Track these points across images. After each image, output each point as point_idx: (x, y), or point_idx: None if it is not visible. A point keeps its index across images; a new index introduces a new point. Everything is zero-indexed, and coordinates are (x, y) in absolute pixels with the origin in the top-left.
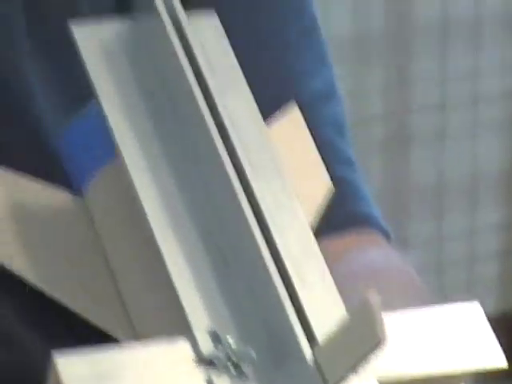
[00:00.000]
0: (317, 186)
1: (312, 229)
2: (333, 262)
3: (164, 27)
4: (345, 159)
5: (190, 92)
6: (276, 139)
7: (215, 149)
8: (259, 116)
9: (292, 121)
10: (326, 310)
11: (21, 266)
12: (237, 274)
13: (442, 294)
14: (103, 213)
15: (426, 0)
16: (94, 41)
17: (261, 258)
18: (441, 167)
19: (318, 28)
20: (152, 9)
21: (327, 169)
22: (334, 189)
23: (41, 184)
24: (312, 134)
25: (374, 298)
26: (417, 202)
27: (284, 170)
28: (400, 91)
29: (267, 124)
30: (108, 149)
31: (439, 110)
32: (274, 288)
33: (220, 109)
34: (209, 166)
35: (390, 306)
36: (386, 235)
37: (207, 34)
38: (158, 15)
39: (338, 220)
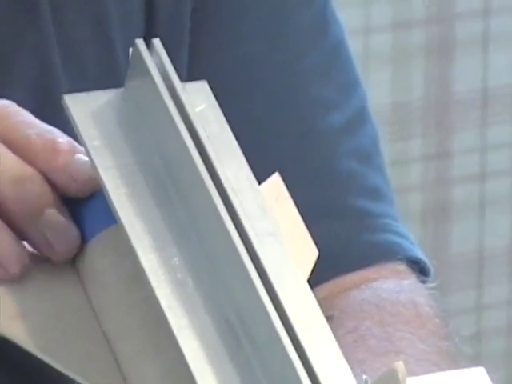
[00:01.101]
0: (305, 254)
1: None
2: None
3: (159, 94)
4: (368, 189)
5: (190, 158)
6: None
7: (220, 218)
8: (256, 183)
9: (274, 188)
10: (337, 376)
11: (15, 332)
12: (246, 342)
13: (478, 362)
14: (99, 276)
15: (466, 70)
16: (88, 109)
17: (273, 327)
18: (481, 237)
19: (343, 51)
20: (146, 76)
21: (346, 201)
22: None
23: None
24: (330, 166)
25: (402, 369)
26: (456, 270)
27: (283, 237)
28: (439, 161)
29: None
30: (102, 216)
31: (479, 180)
32: (289, 361)
33: (221, 176)
34: (213, 234)
35: (390, 340)
36: (418, 263)
37: (201, 102)
38: (153, 82)
39: (358, 252)
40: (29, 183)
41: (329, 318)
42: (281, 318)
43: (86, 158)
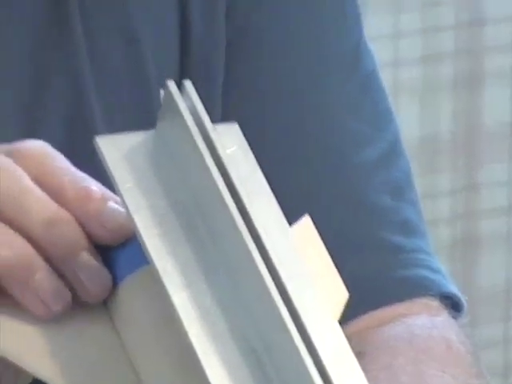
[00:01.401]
0: (335, 296)
1: None
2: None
3: (191, 135)
4: (400, 223)
5: (221, 199)
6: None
7: (251, 258)
8: (286, 224)
9: (305, 230)
10: None
11: (47, 372)
12: (277, 380)
13: None
14: (131, 316)
15: (495, 103)
16: (119, 151)
17: (303, 364)
18: (509, 270)
19: (376, 83)
20: (177, 117)
21: (379, 236)
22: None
23: None
24: (363, 201)
25: None
26: (484, 303)
27: (314, 278)
28: (468, 194)
29: None
30: (134, 257)
31: (507, 213)
32: None
33: (252, 217)
34: (244, 273)
35: (423, 378)
36: (450, 298)
37: (233, 145)
38: (184, 123)
39: (390, 287)
40: (62, 226)
41: (360, 354)
42: (311, 354)
43: (118, 206)
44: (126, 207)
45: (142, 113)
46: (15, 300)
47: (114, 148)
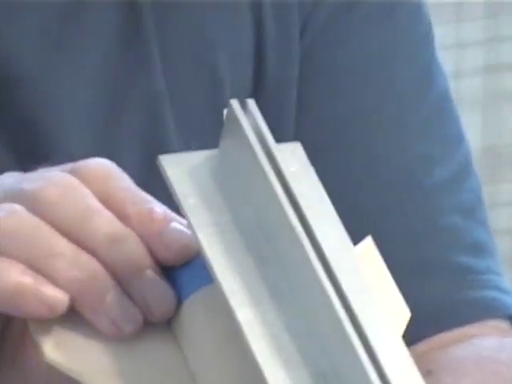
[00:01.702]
0: (397, 316)
1: None
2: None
3: (254, 153)
4: (470, 244)
5: (285, 217)
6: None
7: (316, 275)
8: (350, 243)
9: (367, 251)
10: None
11: None
12: None
13: None
14: (195, 334)
15: None
16: (183, 169)
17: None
18: None
19: (448, 104)
20: (240, 135)
21: (449, 258)
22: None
23: None
24: (434, 222)
25: None
26: None
27: (377, 298)
28: None
29: None
30: (197, 275)
31: None
32: None
33: (316, 235)
34: (309, 290)
35: None
36: None
37: (296, 164)
38: (247, 142)
39: (460, 309)
40: (127, 243)
41: (427, 374)
42: (378, 373)
43: (181, 227)
44: (190, 224)
45: (216, 136)
46: (82, 317)
47: (176, 166)
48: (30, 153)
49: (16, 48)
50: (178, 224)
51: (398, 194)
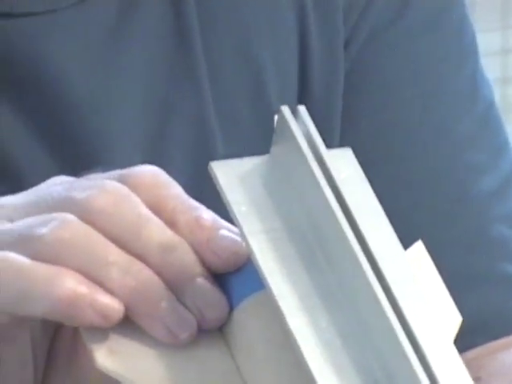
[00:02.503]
0: (449, 321)
1: None
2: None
3: (305, 159)
4: None
5: (337, 224)
6: None
7: (369, 283)
8: (402, 250)
9: (417, 255)
10: None
11: None
12: None
13: None
14: (247, 341)
15: None
16: (234, 175)
17: None
18: None
19: (493, 114)
20: (291, 141)
21: (498, 267)
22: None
23: None
24: (482, 231)
25: None
26: None
27: (429, 302)
28: None
29: None
30: (248, 281)
31: None
32: None
33: (368, 242)
34: (362, 298)
35: None
36: None
37: (347, 170)
38: (298, 148)
39: (509, 317)
40: (178, 251)
41: (476, 380)
42: (431, 382)
43: (230, 234)
44: (241, 230)
45: (262, 141)
46: (135, 325)
47: (227, 172)
48: (77, 166)
49: (66, 63)
50: (226, 231)
51: (447, 204)
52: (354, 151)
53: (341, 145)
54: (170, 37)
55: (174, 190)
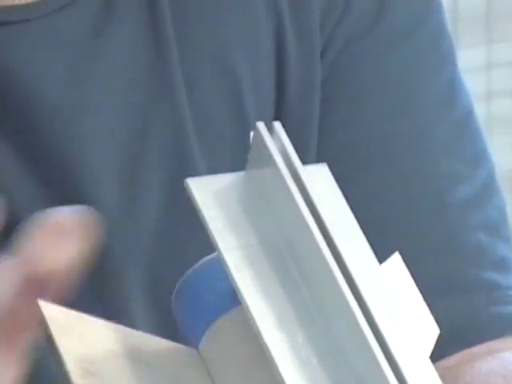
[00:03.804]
0: (426, 333)
1: None
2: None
3: (281, 176)
4: (496, 261)
5: (313, 240)
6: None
7: (344, 299)
8: (378, 265)
9: (395, 267)
10: None
11: None
12: None
13: None
14: (223, 357)
15: None
16: (210, 191)
17: None
18: None
19: (471, 121)
20: (267, 158)
21: (474, 274)
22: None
23: (153, 336)
24: (459, 239)
25: None
26: None
27: (405, 315)
28: None
29: None
30: (224, 299)
31: None
32: None
33: (344, 258)
34: (337, 314)
35: None
36: None
37: (322, 186)
38: (274, 164)
39: (485, 324)
40: None
41: None
42: None
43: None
44: (217, 247)
45: (241, 152)
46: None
47: (204, 189)
48: (55, 179)
49: (40, 73)
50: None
51: (423, 211)
52: (329, 160)
53: (318, 156)
54: (145, 48)
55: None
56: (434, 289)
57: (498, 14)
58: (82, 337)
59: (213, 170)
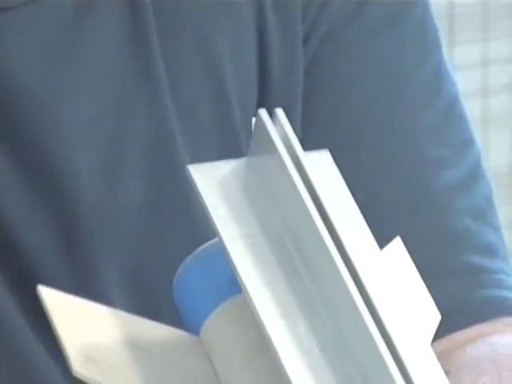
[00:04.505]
0: (427, 318)
1: None
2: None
3: (283, 164)
4: (482, 246)
5: (315, 228)
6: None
7: (346, 288)
8: (379, 252)
9: (396, 252)
10: None
11: None
12: None
13: None
14: (224, 346)
15: None
16: (212, 179)
17: None
18: None
19: (457, 108)
20: (269, 146)
21: (461, 258)
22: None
23: (155, 323)
24: (446, 224)
25: None
26: None
27: (406, 302)
28: None
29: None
30: (225, 286)
31: None
32: None
33: (345, 246)
34: (339, 303)
35: None
36: None
37: (324, 173)
38: (276, 152)
39: (473, 308)
40: None
41: (445, 374)
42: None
43: None
44: (219, 235)
45: (222, 139)
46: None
47: (205, 176)
48: (34, 166)
49: (18, 61)
50: None
51: (409, 196)
52: (316, 147)
53: (304, 140)
54: (126, 37)
55: None
56: (421, 273)
57: (494, 10)
58: (83, 323)
59: (195, 155)
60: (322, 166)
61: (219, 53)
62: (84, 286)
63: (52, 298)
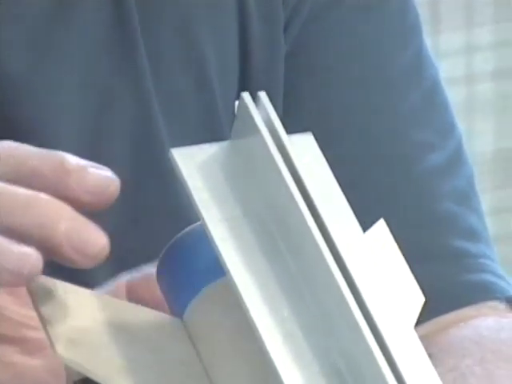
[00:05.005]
0: (411, 300)
1: None
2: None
3: (266, 146)
4: (465, 230)
5: (298, 211)
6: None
7: (329, 270)
8: (362, 234)
9: (380, 235)
10: None
11: None
12: None
13: None
14: (207, 329)
15: None
16: (194, 162)
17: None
18: None
19: (439, 93)
20: (252, 129)
21: (444, 242)
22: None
23: (138, 306)
24: (429, 207)
25: None
26: None
27: (390, 284)
28: None
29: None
30: (208, 269)
31: None
32: None
33: (328, 227)
34: (323, 285)
35: (491, 378)
36: None
37: (308, 156)
38: (259, 135)
39: (456, 291)
40: (35, 207)
41: (428, 357)
42: (392, 369)
43: (98, 171)
44: (202, 218)
45: (206, 123)
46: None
47: (188, 159)
48: None
49: (6, 50)
50: (94, 168)
51: (392, 180)
52: (298, 131)
53: (287, 124)
54: (109, 24)
55: (30, 150)
56: (405, 257)
57: None
58: (66, 307)
59: (178, 139)
60: (305, 148)
61: (200, 39)
62: (62, 269)
63: (35, 281)
